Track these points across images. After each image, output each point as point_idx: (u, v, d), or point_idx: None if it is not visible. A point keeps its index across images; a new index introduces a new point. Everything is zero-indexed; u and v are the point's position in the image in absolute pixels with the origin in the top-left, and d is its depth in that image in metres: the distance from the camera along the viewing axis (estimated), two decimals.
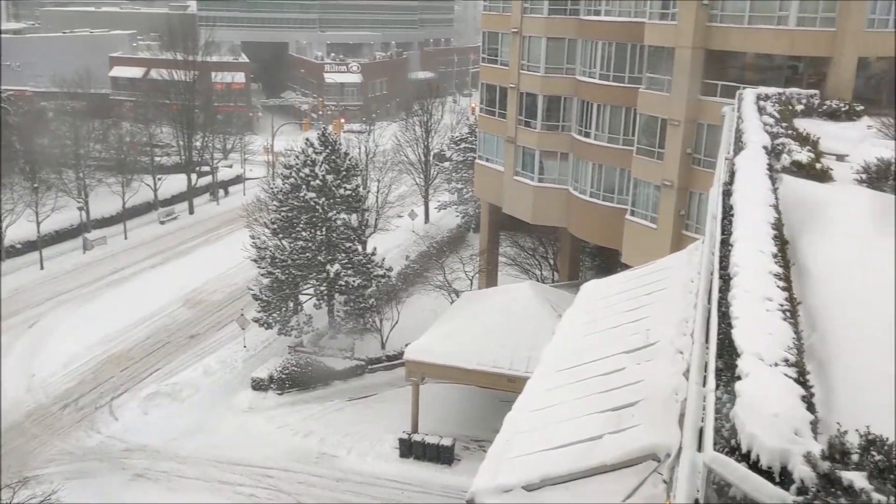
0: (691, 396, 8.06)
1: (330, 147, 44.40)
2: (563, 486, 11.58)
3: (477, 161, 50.47)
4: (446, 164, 69.09)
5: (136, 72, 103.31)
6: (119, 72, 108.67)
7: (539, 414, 14.56)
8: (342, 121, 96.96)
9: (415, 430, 35.09)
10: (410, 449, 34.49)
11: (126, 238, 64.66)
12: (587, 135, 40.11)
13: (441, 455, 34.09)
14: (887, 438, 5.84)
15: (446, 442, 34.16)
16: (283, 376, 40.24)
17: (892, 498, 5.29)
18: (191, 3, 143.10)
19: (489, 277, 50.23)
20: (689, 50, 32.54)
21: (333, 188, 43.27)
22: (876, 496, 5.32)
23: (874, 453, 5.71)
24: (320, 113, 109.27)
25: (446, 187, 69.67)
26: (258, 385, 40.20)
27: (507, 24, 44.15)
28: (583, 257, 49.98)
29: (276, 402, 39.51)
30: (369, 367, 42.39)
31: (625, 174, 37.93)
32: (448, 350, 34.09)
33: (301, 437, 36.39)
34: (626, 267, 29.53)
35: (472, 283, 48.86)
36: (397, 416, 36.78)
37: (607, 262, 44.34)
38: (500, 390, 32.25)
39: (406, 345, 36.91)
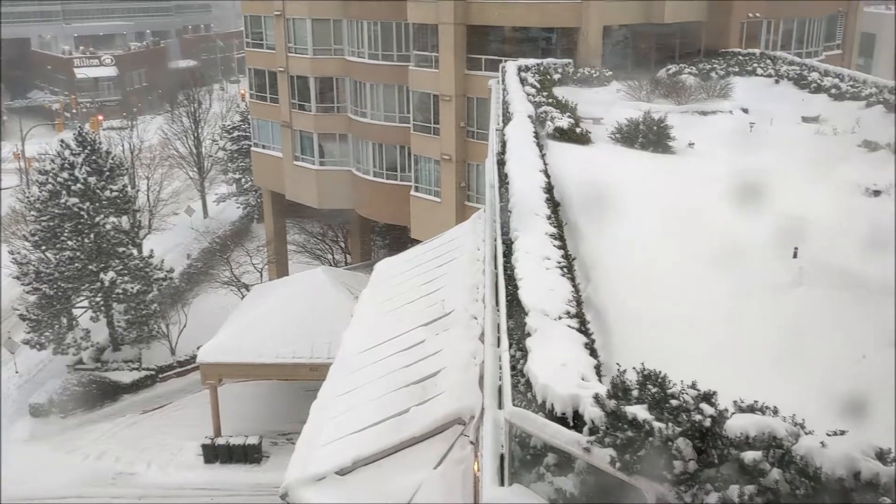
0: (488, 358, 8.44)
1: (89, 147, 41.23)
2: (376, 464, 11.75)
3: (253, 149, 49.09)
4: (220, 153, 66.43)
5: None
6: None
7: (345, 398, 14.61)
8: (100, 118, 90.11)
9: (217, 433, 33.91)
10: (215, 453, 33.31)
11: None
12: (363, 115, 40.30)
13: (248, 455, 33.27)
14: (660, 372, 6.45)
15: (252, 440, 33.37)
16: (65, 398, 37.38)
17: (669, 424, 5.87)
18: None
19: (279, 267, 49.29)
20: (451, 26, 33.54)
21: (98, 191, 40.32)
22: (657, 424, 5.89)
23: (650, 387, 6.30)
24: (74, 111, 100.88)
25: (223, 179, 67.08)
26: (38, 411, 37.05)
27: (269, 7, 43.06)
28: (373, 237, 50.37)
29: (60, 426, 36.56)
30: (160, 375, 40.36)
31: (405, 151, 38.60)
32: (244, 347, 33.16)
33: (94, 460, 33.96)
34: (416, 242, 30.19)
35: (262, 276, 47.69)
36: (197, 422, 35.28)
37: (398, 239, 45.00)
38: (304, 380, 31.87)
39: (198, 347, 35.42)
